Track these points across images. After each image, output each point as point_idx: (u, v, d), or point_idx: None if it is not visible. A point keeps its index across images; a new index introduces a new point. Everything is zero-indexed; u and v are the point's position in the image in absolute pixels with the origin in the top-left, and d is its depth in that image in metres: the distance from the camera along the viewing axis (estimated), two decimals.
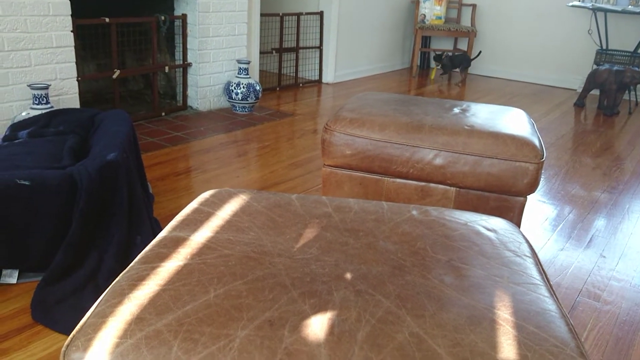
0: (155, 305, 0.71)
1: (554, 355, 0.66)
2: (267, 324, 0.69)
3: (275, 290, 0.77)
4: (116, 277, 1.68)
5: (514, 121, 1.73)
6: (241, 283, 0.78)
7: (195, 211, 1.01)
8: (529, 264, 0.89)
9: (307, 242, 0.91)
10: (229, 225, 0.96)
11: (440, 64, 5.23)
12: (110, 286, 0.78)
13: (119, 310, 0.70)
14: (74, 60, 2.87)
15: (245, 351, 0.65)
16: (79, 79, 2.93)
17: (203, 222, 0.96)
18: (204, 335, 0.66)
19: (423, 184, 1.64)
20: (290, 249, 0.89)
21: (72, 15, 2.81)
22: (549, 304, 0.78)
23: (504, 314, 0.74)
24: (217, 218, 0.98)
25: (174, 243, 0.88)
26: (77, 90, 2.93)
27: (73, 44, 2.84)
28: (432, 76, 5.55)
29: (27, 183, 1.65)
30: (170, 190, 2.43)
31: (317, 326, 0.70)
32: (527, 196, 1.62)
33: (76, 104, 2.94)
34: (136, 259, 0.85)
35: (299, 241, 0.91)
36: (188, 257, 0.84)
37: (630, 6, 4.51)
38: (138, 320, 0.68)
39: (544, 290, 0.82)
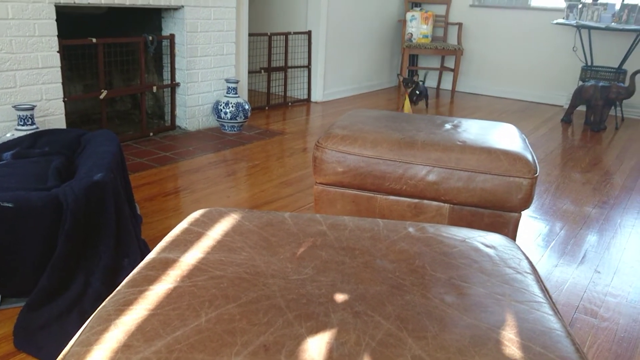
0: (143, 332, 0.67)
1: None
2: (262, 349, 0.66)
3: (270, 313, 0.73)
4: (103, 300, 1.63)
5: (505, 136, 1.72)
6: (234, 306, 0.74)
7: (185, 231, 0.98)
8: (530, 280, 0.87)
9: (302, 262, 0.88)
10: (220, 245, 0.92)
11: (413, 88, 4.29)
12: (96, 312, 0.74)
13: (105, 338, 0.66)
14: (60, 80, 2.84)
15: None
16: (65, 99, 2.89)
17: (193, 243, 0.93)
18: None
19: (416, 200, 1.61)
20: (284, 269, 0.86)
21: (58, 36, 2.79)
22: (554, 323, 0.75)
23: (509, 334, 0.71)
24: (207, 238, 0.95)
25: (163, 265, 0.84)
26: (63, 111, 2.89)
27: (59, 64, 2.81)
28: (407, 107, 4.19)
29: (10, 205, 1.60)
30: (158, 210, 2.38)
31: (315, 350, 0.66)
32: (521, 212, 1.60)
33: (62, 125, 2.90)
34: (123, 283, 0.81)
35: (293, 261, 0.88)
36: (178, 279, 0.80)
37: (613, 23, 4.58)
38: (125, 348, 0.64)
39: (547, 308, 0.79)
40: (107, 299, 0.77)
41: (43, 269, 1.66)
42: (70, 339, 1.52)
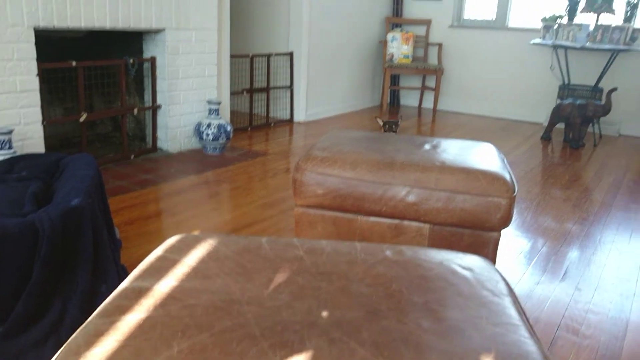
0: None
1: None
2: None
3: (244, 342, 0.72)
4: None
5: (484, 156, 1.73)
6: (207, 336, 0.73)
7: (160, 259, 0.96)
8: (507, 303, 0.87)
9: (277, 288, 0.87)
10: (195, 272, 0.91)
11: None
12: (66, 344, 0.72)
13: None
14: (39, 104, 2.81)
15: None
16: (44, 123, 2.87)
17: (168, 270, 0.91)
18: None
19: (397, 221, 1.62)
20: (260, 296, 0.85)
21: (37, 60, 2.77)
22: (530, 346, 0.75)
23: (485, 359, 0.70)
24: (182, 265, 0.94)
25: (136, 294, 0.83)
26: (42, 134, 2.86)
27: (38, 88, 2.79)
28: None
29: None
30: (139, 234, 2.36)
31: None
32: (501, 231, 1.61)
33: (41, 149, 2.86)
34: (95, 313, 0.79)
35: (269, 287, 0.87)
36: (150, 308, 0.79)
37: (588, 43, 4.69)
38: None
39: (523, 331, 0.79)
40: (77, 330, 0.75)
41: (19, 296, 1.62)
42: None
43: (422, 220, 1.58)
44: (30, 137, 2.80)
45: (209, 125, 3.65)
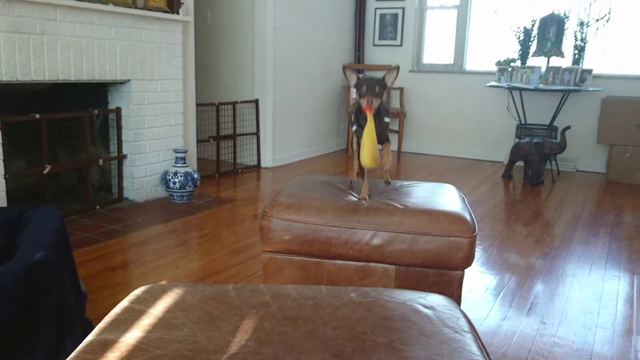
0: None
1: None
2: None
3: None
4: None
5: (445, 197, 1.79)
6: None
7: (126, 310, 0.96)
8: (468, 339, 0.89)
9: (244, 335, 0.88)
10: (162, 322, 0.92)
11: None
12: None
13: None
14: (1, 157, 2.78)
15: None
16: (7, 176, 2.83)
17: (134, 322, 0.92)
18: None
19: (363, 264, 1.64)
20: (227, 344, 0.85)
21: None
22: None
23: None
24: (148, 316, 0.94)
25: (102, 347, 0.83)
26: (4, 188, 2.82)
27: (0, 141, 2.77)
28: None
29: None
30: (105, 286, 2.32)
31: None
32: (465, 269, 1.65)
33: (3, 203, 2.81)
34: None
35: (235, 334, 0.88)
36: None
37: (540, 85, 4.92)
38: None
39: None
40: None
41: None
42: None
43: (388, 262, 1.62)
44: None
45: (175, 174, 3.65)
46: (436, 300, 1.03)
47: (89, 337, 0.87)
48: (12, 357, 1.62)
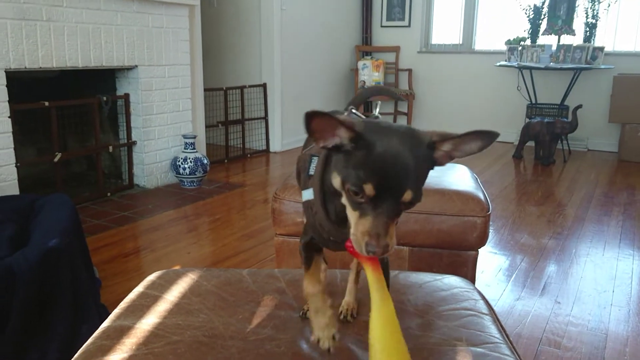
0: None
1: None
2: None
3: None
4: None
5: (458, 177, 1.77)
6: None
7: (141, 296, 0.96)
8: (487, 322, 0.88)
9: (261, 322, 0.88)
10: (178, 308, 0.91)
11: None
12: None
13: None
14: (12, 146, 2.79)
15: None
16: (18, 164, 2.83)
17: (149, 308, 0.91)
18: None
19: None
20: (243, 330, 0.85)
21: (9, 101, 2.75)
22: None
23: None
24: (164, 302, 0.94)
25: (118, 333, 0.83)
26: (16, 176, 2.82)
27: (10, 129, 2.77)
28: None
29: None
30: (118, 273, 2.33)
31: None
32: (479, 249, 1.64)
33: (15, 191, 2.82)
34: (77, 354, 0.79)
35: (252, 321, 0.88)
36: (133, 347, 0.79)
37: (551, 63, 4.84)
38: None
39: (504, 349, 0.81)
40: None
41: None
42: None
43: (401, 243, 1.61)
44: (4, 180, 2.76)
45: (185, 160, 3.64)
46: (453, 282, 1.02)
47: (106, 323, 0.87)
48: (29, 343, 1.64)
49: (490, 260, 2.51)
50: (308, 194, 0.67)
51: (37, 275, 1.65)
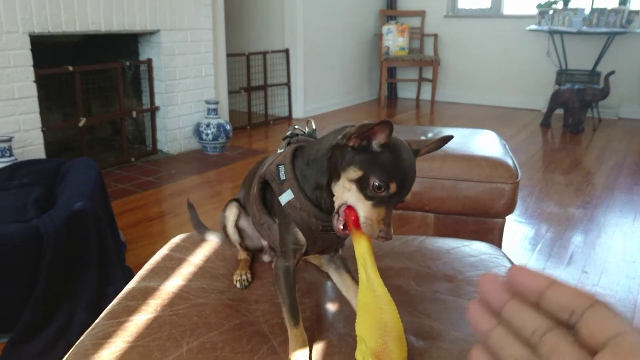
0: None
1: None
2: None
3: (254, 340, 0.72)
4: None
5: (486, 143, 1.73)
6: (216, 334, 0.72)
7: (166, 258, 0.96)
8: None
9: None
10: (202, 272, 0.91)
11: None
12: (73, 347, 0.72)
13: None
14: (38, 110, 2.81)
15: None
16: (44, 129, 2.86)
17: (174, 270, 0.91)
18: None
19: (401, 211, 1.61)
20: (268, 294, 0.84)
21: (34, 66, 2.76)
22: None
23: None
24: (189, 264, 0.93)
25: (143, 294, 0.82)
26: (42, 141, 2.85)
27: (36, 94, 2.78)
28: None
29: None
30: (143, 236, 2.35)
31: None
32: (506, 217, 1.60)
33: (42, 155, 2.86)
34: (102, 314, 0.79)
35: None
36: (158, 308, 0.78)
37: (584, 27, 4.67)
38: None
39: None
40: (85, 333, 0.75)
41: (25, 303, 1.62)
42: None
43: (426, 210, 1.58)
44: (31, 144, 2.80)
45: (208, 125, 3.64)
46: (481, 248, 1.00)
47: (131, 284, 0.87)
48: (58, 304, 1.67)
49: (516, 229, 2.47)
50: (288, 196, 0.74)
51: (63, 237, 1.67)
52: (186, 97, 3.68)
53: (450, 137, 0.72)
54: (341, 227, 0.68)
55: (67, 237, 1.69)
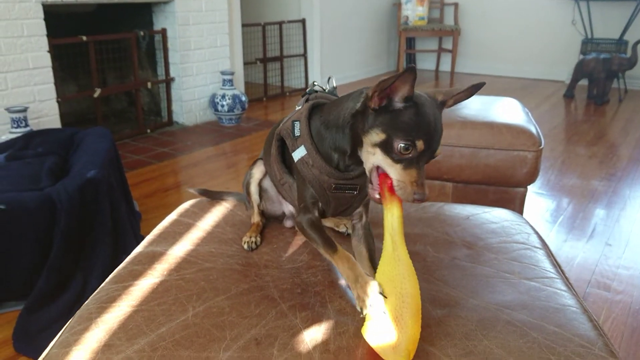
0: (126, 329, 0.63)
1: (581, 356, 0.58)
2: (253, 343, 0.61)
3: (262, 305, 0.69)
4: None
5: (508, 110, 1.66)
6: (224, 298, 0.69)
7: (174, 223, 0.93)
8: (541, 256, 0.82)
9: (296, 250, 0.83)
10: (211, 237, 0.88)
11: None
12: (78, 311, 0.69)
13: (85, 338, 0.62)
14: (52, 81, 2.79)
15: None
16: (59, 100, 2.85)
17: (182, 235, 0.88)
18: None
19: None
20: (278, 259, 0.81)
21: (47, 35, 2.74)
22: (568, 299, 0.70)
23: (519, 314, 0.66)
24: (197, 230, 0.90)
25: (149, 259, 0.80)
26: (57, 111, 2.84)
27: (50, 64, 2.76)
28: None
29: (2, 207, 1.56)
30: (158, 206, 2.34)
31: (311, 343, 0.62)
32: (527, 187, 1.55)
33: (57, 126, 2.85)
34: (108, 279, 0.77)
35: (287, 250, 0.84)
36: (165, 273, 0.76)
37: None
38: (106, 348, 0.60)
39: (560, 284, 0.74)
40: (90, 297, 0.72)
41: (40, 271, 1.62)
42: None
43: (445, 179, 1.53)
44: (46, 115, 2.79)
45: (223, 97, 3.60)
46: (502, 214, 0.95)
47: (138, 249, 0.84)
48: (73, 270, 1.67)
49: (537, 201, 2.40)
50: (301, 152, 0.72)
51: (76, 205, 1.66)
52: (201, 67, 3.64)
53: (481, 85, 0.68)
54: (377, 196, 0.66)
55: (81, 205, 1.68)
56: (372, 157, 0.64)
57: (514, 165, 1.44)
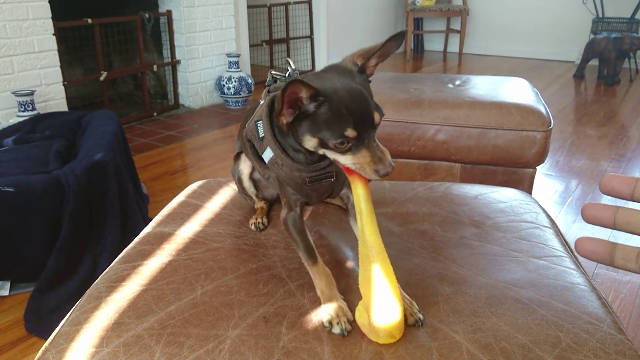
0: (135, 308, 0.63)
1: (589, 333, 0.58)
2: (261, 321, 0.61)
3: (270, 284, 0.69)
4: None
5: (517, 90, 1.64)
6: (232, 277, 0.70)
7: (182, 204, 0.93)
8: (549, 234, 0.81)
9: None
10: (219, 218, 0.88)
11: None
12: (87, 290, 0.70)
13: (95, 316, 0.63)
14: (59, 64, 2.79)
15: (237, 353, 0.57)
16: (65, 83, 2.85)
17: (190, 216, 0.88)
18: (190, 338, 0.58)
19: (426, 161, 1.56)
20: (285, 240, 0.81)
21: (52, 18, 2.73)
22: (576, 277, 0.70)
23: (528, 292, 0.66)
24: (205, 211, 0.90)
25: (158, 239, 0.80)
26: (64, 95, 2.84)
27: (56, 47, 2.76)
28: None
29: (11, 189, 1.57)
30: (166, 189, 2.35)
31: (318, 321, 0.62)
32: (536, 168, 1.54)
33: (64, 109, 2.85)
34: (117, 259, 0.77)
35: None
36: (173, 253, 0.76)
37: None
38: (116, 326, 0.61)
39: (568, 262, 0.74)
40: (100, 277, 0.73)
41: (49, 252, 1.64)
42: None
43: (453, 160, 1.52)
44: (53, 98, 2.79)
45: (229, 79, 3.58)
46: (511, 194, 0.94)
47: (146, 230, 0.85)
48: (82, 252, 1.69)
49: (545, 183, 2.39)
50: (268, 153, 0.69)
51: (84, 187, 1.66)
52: (207, 50, 3.62)
53: (402, 33, 0.66)
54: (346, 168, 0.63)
55: (88, 187, 1.69)
56: (325, 152, 0.62)
57: (522, 145, 1.43)
